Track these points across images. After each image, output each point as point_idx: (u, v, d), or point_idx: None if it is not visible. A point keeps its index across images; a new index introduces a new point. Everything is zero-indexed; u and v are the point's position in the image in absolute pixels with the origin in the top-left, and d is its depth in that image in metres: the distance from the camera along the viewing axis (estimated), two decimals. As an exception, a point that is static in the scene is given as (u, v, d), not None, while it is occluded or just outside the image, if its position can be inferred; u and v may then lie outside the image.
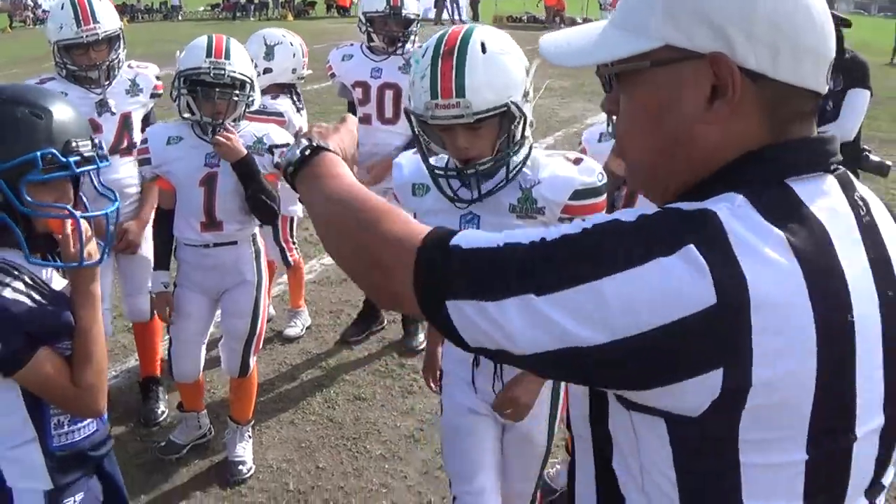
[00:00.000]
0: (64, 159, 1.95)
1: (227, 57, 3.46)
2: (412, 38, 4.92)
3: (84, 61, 3.83)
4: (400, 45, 4.89)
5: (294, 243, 5.23)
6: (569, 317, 1.02)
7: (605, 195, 2.44)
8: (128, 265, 4.17)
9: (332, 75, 5.07)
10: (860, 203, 1.14)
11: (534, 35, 2.54)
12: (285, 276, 5.62)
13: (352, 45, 5.12)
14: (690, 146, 1.14)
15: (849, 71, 5.03)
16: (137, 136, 3.98)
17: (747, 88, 1.09)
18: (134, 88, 3.99)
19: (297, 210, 5.08)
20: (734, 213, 1.03)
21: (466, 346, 1.12)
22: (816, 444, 1.06)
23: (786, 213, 1.06)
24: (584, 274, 1.02)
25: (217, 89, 3.52)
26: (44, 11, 35.41)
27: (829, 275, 1.04)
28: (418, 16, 4.91)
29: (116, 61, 3.90)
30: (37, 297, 1.98)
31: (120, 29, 3.91)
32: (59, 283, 2.10)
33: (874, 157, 5.29)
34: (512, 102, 2.26)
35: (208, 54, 3.43)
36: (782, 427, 1.04)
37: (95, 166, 2.02)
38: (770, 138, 1.12)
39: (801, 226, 1.05)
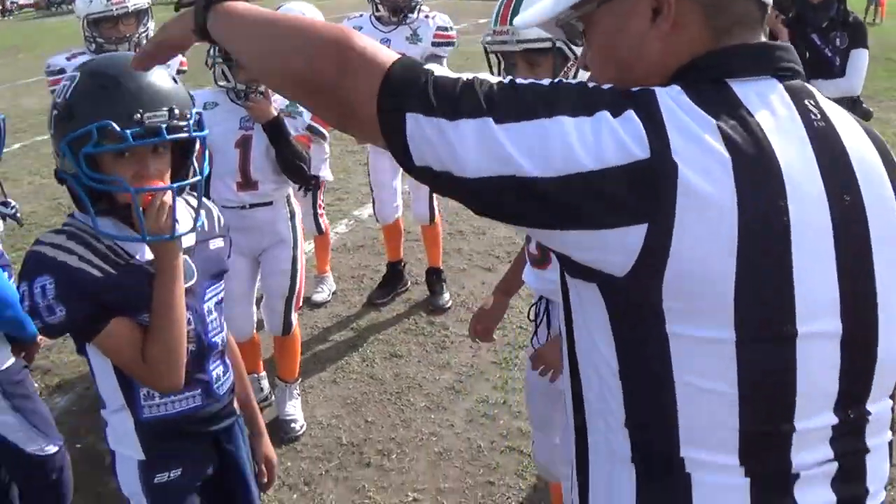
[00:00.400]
0: (119, 131, 1.84)
1: None
2: (417, 7, 4.98)
3: (113, 34, 3.88)
4: (403, 15, 4.95)
5: (323, 209, 5.31)
6: (516, 147, 1.10)
7: None
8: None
9: None
10: (813, 109, 1.20)
11: None
12: (308, 244, 5.70)
13: (361, 15, 5.17)
14: (644, 63, 1.24)
15: (853, 32, 5.30)
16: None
17: (684, 2, 1.20)
18: None
19: (327, 175, 5.16)
20: (670, 95, 1.13)
21: (411, 162, 1.16)
22: (745, 327, 1.10)
23: (719, 104, 1.13)
24: (539, 112, 1.11)
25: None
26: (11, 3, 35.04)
27: (758, 165, 1.10)
28: None
29: (145, 35, 3.95)
30: (107, 266, 1.95)
31: (148, 3, 3.96)
32: (151, 256, 2.03)
33: (864, 105, 5.55)
34: (562, 41, 2.33)
35: None
36: (704, 300, 1.10)
37: (161, 138, 1.88)
38: (713, 45, 1.21)
39: (732, 117, 1.12)
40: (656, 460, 1.22)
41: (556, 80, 1.18)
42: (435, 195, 5.21)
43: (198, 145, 2.06)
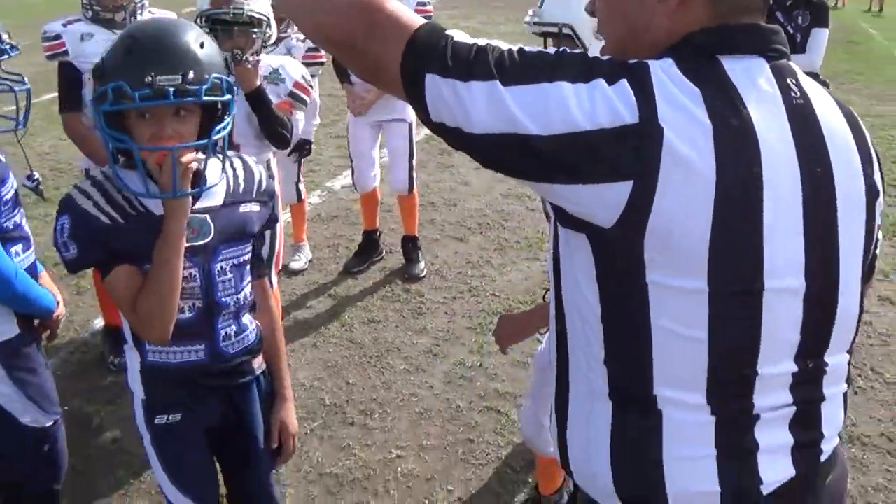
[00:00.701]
0: (130, 92, 1.93)
1: None
2: None
3: (109, 2, 3.93)
4: None
5: (301, 178, 5.40)
6: (520, 107, 1.23)
7: None
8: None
9: None
10: (794, 87, 1.33)
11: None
12: (284, 213, 5.79)
13: None
14: (649, 32, 1.37)
15: (815, 10, 5.59)
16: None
17: None
18: None
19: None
20: (662, 68, 1.27)
21: (428, 117, 1.31)
22: (717, 281, 1.25)
23: (707, 78, 1.26)
24: (542, 77, 1.24)
25: (236, 27, 3.67)
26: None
27: (738, 135, 1.23)
28: None
29: (140, 4, 4.01)
30: (117, 215, 2.07)
31: (144, -27, 4.02)
32: None
33: (822, 78, 5.80)
34: (569, 29, 2.49)
35: None
36: (681, 254, 1.23)
37: (167, 101, 1.96)
38: (711, 25, 1.33)
39: (718, 90, 1.25)
40: (632, 397, 1.37)
41: (560, 49, 1.32)
42: (413, 166, 5.32)
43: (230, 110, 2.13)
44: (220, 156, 2.16)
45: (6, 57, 2.61)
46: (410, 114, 5.14)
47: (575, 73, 1.25)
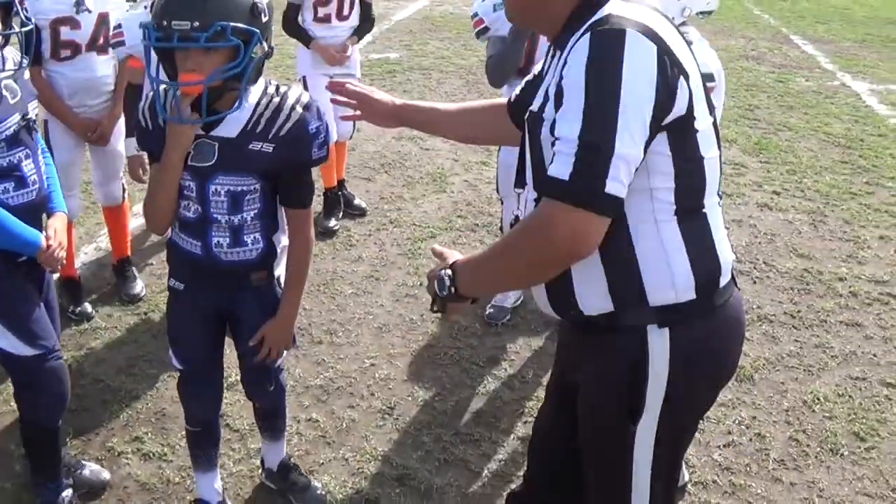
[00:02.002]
0: (151, 32, 2.34)
1: None
2: None
3: None
4: None
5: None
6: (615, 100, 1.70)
7: None
8: (101, 156, 4.44)
9: None
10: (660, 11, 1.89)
11: None
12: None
13: None
14: (544, 2, 1.90)
15: None
16: (113, 36, 4.21)
17: None
18: None
19: None
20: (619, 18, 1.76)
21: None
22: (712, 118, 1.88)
23: (630, 16, 1.76)
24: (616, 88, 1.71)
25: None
26: None
27: (668, 49, 1.74)
28: None
29: None
30: (152, 123, 2.56)
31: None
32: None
33: None
34: None
35: None
36: (702, 109, 1.83)
37: (172, 44, 2.32)
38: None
39: (644, 20, 1.76)
40: (691, 209, 1.89)
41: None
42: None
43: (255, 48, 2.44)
44: (245, 90, 2.49)
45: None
46: (359, 70, 5.53)
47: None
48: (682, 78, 1.74)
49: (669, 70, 1.71)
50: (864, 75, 9.78)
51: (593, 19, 1.78)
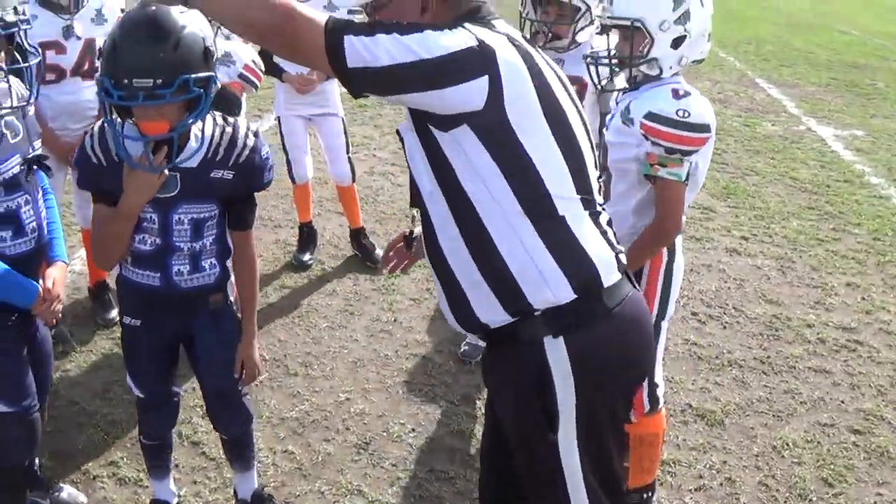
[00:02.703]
0: (111, 89, 2.31)
1: None
2: None
3: None
4: None
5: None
6: (411, 43, 1.87)
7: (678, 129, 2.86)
8: (83, 178, 4.44)
9: None
10: (513, 37, 2.05)
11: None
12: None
13: None
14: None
15: None
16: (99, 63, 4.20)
17: (439, 2, 2.06)
18: (99, 18, 4.19)
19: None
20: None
21: (346, 66, 1.90)
22: (556, 132, 2.01)
23: (489, 28, 2.01)
24: (422, 30, 1.91)
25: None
26: None
27: (528, 55, 2.00)
28: None
29: None
30: (104, 159, 2.55)
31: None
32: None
33: None
34: (639, 23, 2.84)
35: None
36: (531, 119, 1.98)
37: (138, 102, 2.33)
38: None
39: (496, 32, 2.01)
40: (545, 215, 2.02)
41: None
42: (350, 157, 5.56)
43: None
44: (201, 124, 2.57)
45: (28, 27, 2.65)
46: (340, 109, 5.44)
47: (440, 28, 1.95)
48: (484, 76, 1.91)
49: (468, 58, 1.91)
50: (830, 120, 9.99)
51: None
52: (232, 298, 2.91)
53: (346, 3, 2.11)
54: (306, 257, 5.56)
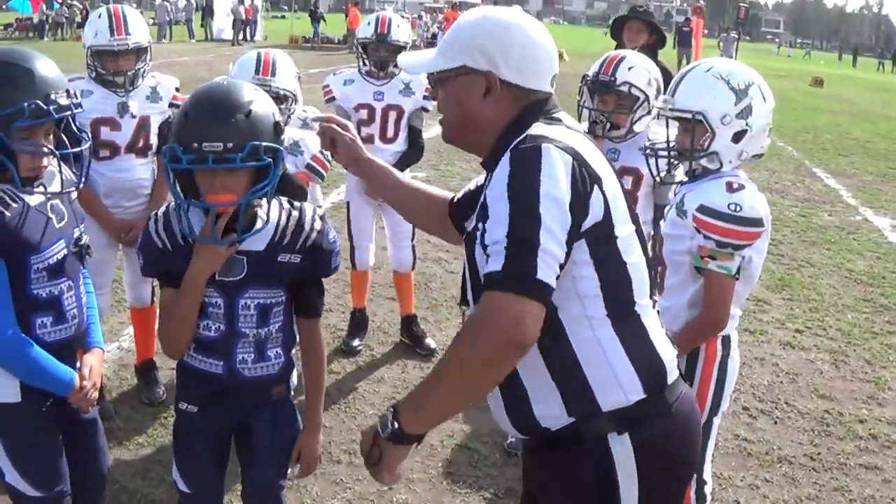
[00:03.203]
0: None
1: (273, 74, 3.96)
2: None
3: (112, 67, 4.21)
4: (389, 69, 5.28)
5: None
6: (549, 223, 1.82)
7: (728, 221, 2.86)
8: (134, 258, 4.54)
9: (331, 98, 5.39)
10: (581, 132, 2.05)
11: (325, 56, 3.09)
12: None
13: (350, 69, 5.51)
14: (476, 120, 2.06)
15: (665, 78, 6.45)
16: (154, 140, 4.38)
17: (505, 89, 2.04)
18: (154, 96, 4.37)
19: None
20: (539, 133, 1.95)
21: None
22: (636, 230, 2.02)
23: (549, 134, 1.94)
24: (537, 193, 1.85)
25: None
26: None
27: (583, 161, 1.91)
28: (407, 43, 5.33)
29: (142, 70, 4.30)
30: (169, 242, 2.52)
31: (148, 42, 4.33)
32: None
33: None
34: (701, 116, 2.88)
35: (256, 71, 3.93)
36: (623, 222, 1.98)
37: (207, 166, 2.35)
38: (519, 115, 2.03)
39: (561, 138, 1.93)
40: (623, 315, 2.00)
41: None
42: (415, 245, 5.60)
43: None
44: (268, 205, 2.57)
45: (80, 110, 2.64)
46: None
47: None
48: (596, 186, 1.90)
49: (581, 176, 1.87)
50: (886, 210, 9.90)
51: (516, 140, 1.95)
52: (293, 392, 2.87)
53: (415, 70, 2.15)
54: (356, 343, 5.60)
